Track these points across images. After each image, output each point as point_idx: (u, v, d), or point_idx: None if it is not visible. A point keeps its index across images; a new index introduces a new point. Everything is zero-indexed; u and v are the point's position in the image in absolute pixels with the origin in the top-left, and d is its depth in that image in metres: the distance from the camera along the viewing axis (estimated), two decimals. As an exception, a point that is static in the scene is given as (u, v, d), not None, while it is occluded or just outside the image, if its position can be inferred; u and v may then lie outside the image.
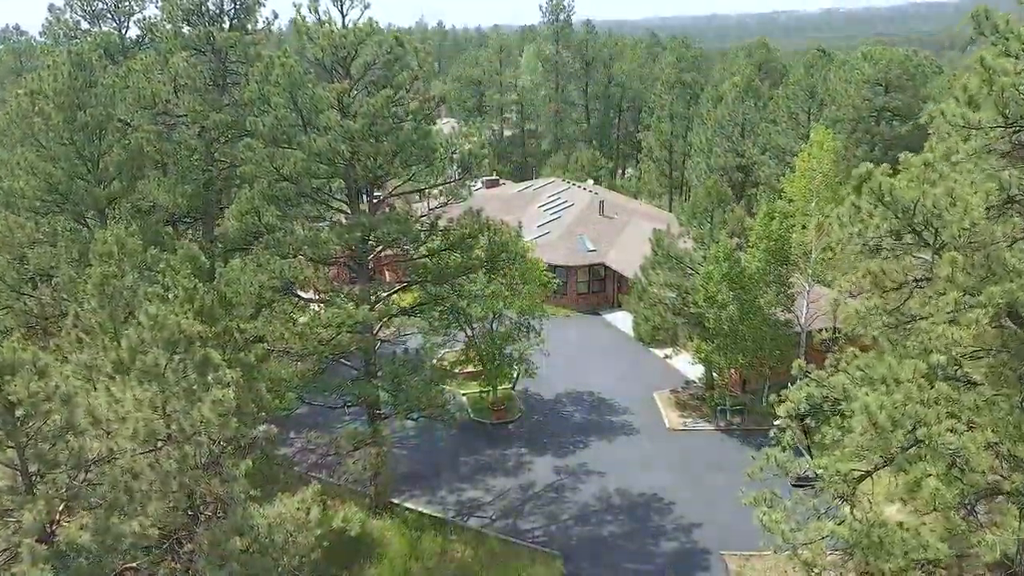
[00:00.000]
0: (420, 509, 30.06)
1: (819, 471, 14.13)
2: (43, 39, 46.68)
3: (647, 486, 31.36)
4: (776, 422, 33.60)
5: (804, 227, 34.92)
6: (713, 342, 34.51)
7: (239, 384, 22.64)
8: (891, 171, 13.89)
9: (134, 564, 16.46)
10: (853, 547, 13.92)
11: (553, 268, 44.79)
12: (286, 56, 23.85)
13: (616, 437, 35.39)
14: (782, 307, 35.07)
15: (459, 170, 26.14)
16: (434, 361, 34.78)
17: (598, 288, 52.24)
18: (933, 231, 13.13)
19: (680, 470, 32.56)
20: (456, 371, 37.01)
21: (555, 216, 56.22)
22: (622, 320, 48.55)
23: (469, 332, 35.91)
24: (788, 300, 35.18)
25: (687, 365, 41.52)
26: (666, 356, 39.80)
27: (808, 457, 31.60)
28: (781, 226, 33.80)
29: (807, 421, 16.61)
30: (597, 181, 67.82)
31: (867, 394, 12.15)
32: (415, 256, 27.86)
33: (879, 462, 13.39)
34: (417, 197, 29.64)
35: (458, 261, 27.52)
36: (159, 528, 15.85)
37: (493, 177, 72.67)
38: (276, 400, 24.09)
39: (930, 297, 13.07)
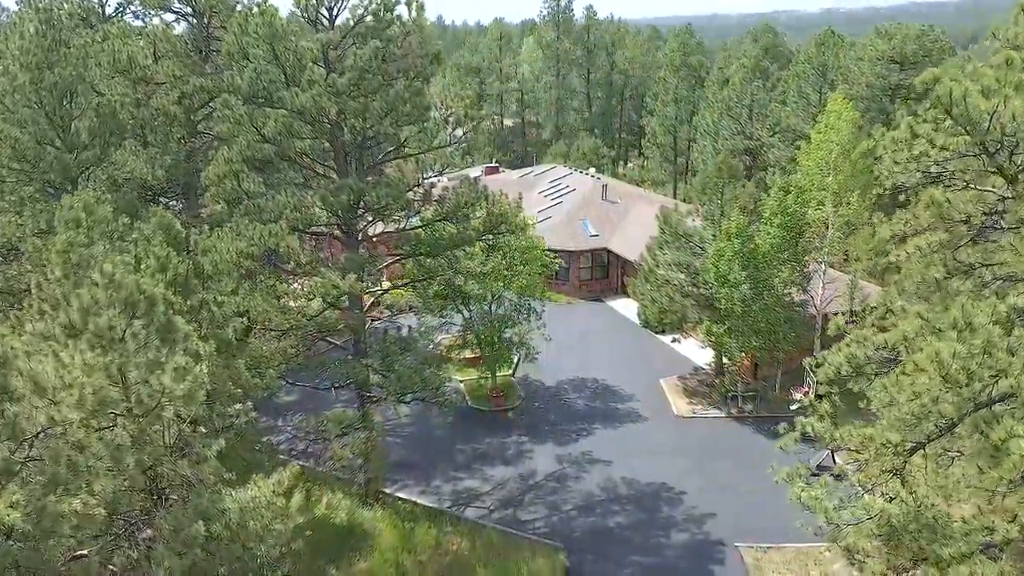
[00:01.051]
0: (414, 499, 28.22)
1: (864, 443, 12.29)
2: (19, 7, 44.67)
3: (655, 475, 29.51)
4: (794, 405, 31.92)
5: (821, 203, 33.01)
6: (724, 324, 32.64)
7: (214, 360, 20.90)
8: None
9: (84, 552, 14.61)
10: (901, 531, 12.06)
11: (555, 253, 42.96)
12: (266, 5, 21.97)
13: (622, 425, 33.52)
14: (797, 287, 33.19)
15: (454, 130, 24.27)
16: (430, 346, 33.01)
17: (601, 274, 50.37)
18: (1007, 152, 11.28)
19: (690, 459, 30.70)
20: (453, 355, 35.21)
21: (556, 201, 54.35)
22: (626, 307, 46.79)
23: (466, 314, 34.05)
24: (804, 279, 33.31)
25: (695, 351, 39.68)
26: (674, 340, 37.92)
27: (829, 449, 29.74)
28: (796, 201, 31.89)
29: (848, 387, 14.67)
30: (600, 171, 65.96)
31: (933, 343, 10.31)
32: (408, 227, 26.00)
33: (934, 431, 11.56)
34: (415, 176, 27.72)
35: (453, 232, 25.65)
36: (109, 509, 13.99)
37: (493, 164, 70.86)
38: (256, 379, 22.20)
39: (1007, 228, 11.22)
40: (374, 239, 26.57)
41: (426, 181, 25.89)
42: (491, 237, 27.02)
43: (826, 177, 32.53)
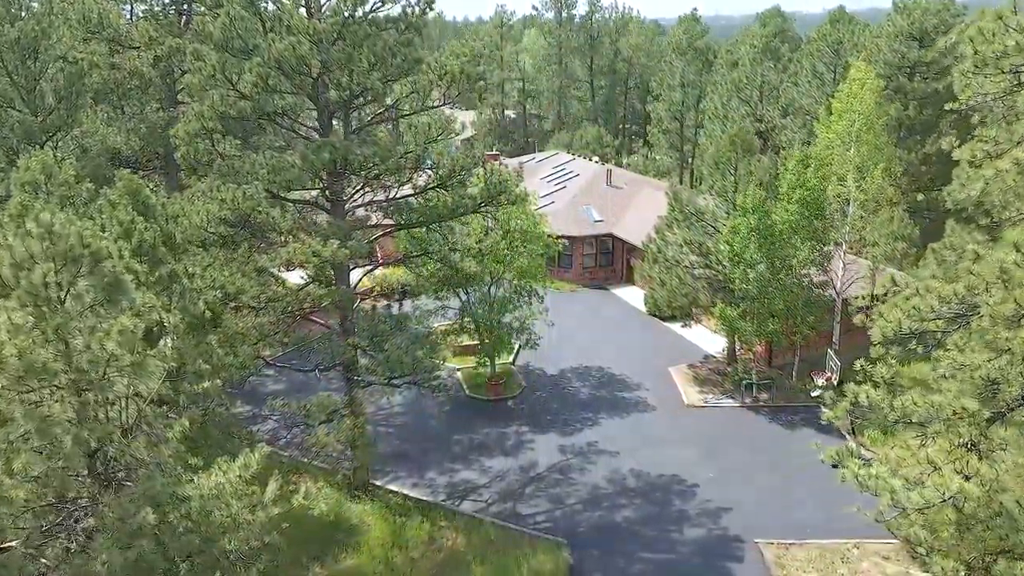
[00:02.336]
0: (406, 492, 26.18)
1: (932, 412, 10.25)
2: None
3: (665, 467, 27.47)
4: (815, 392, 29.68)
5: (842, 178, 30.95)
6: (739, 307, 30.56)
7: (181, 333, 18.93)
8: None
9: (12, 542, 12.60)
10: (972, 518, 10.03)
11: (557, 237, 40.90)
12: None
13: (629, 414, 31.45)
14: (817, 267, 31.12)
15: (448, 88, 22.22)
16: (426, 332, 30.96)
17: (606, 262, 48.30)
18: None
19: (702, 449, 28.66)
20: (449, 341, 33.14)
21: (559, 187, 52.29)
22: (632, 295, 44.83)
23: (463, 297, 31.99)
24: (823, 259, 31.23)
25: (705, 338, 37.74)
26: (684, 324, 35.88)
27: (851, 437, 27.74)
28: (816, 174, 29.81)
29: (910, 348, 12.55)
30: (603, 160, 63.92)
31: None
32: (398, 196, 23.96)
33: (1016, 398, 9.54)
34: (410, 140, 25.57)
35: (447, 201, 23.59)
36: (35, 494, 11.99)
37: (493, 152, 68.78)
38: (229, 356, 20.17)
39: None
40: (362, 207, 24.46)
41: (419, 146, 23.81)
42: (490, 208, 24.89)
43: (847, 150, 30.46)
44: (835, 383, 27.35)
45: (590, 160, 57.24)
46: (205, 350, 19.45)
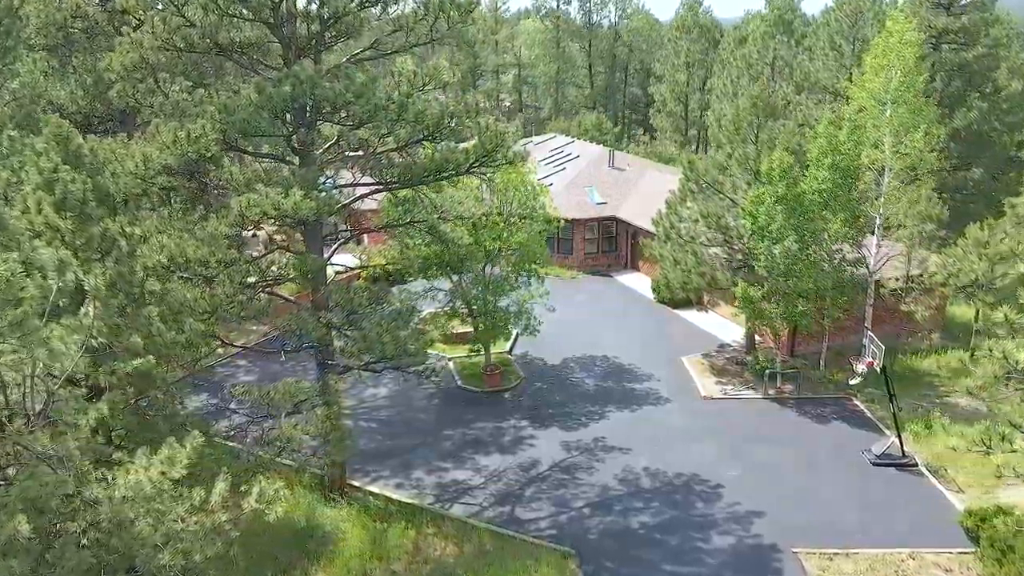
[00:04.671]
0: (388, 494, 22.89)
1: None
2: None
3: (684, 465, 24.25)
4: (854, 380, 25.77)
5: (876, 144, 27.76)
6: (763, 287, 27.32)
7: (108, 301, 15.65)
8: None
9: None
10: None
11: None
12: None
13: (640, 407, 28.19)
14: (851, 241, 27.92)
15: (436, 22, 18.94)
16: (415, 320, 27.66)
17: (609, 247, 45.05)
18: None
19: (724, 445, 25.44)
20: (439, 326, 29.79)
21: (559, 169, 49.03)
22: (638, 282, 41.63)
23: (455, 277, 28.72)
24: (857, 233, 28.02)
25: (720, 326, 34.55)
26: (700, 309, 32.69)
27: (895, 435, 24.53)
28: (850, 138, 26.61)
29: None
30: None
31: None
32: (379, 150, 20.67)
33: None
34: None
35: (435, 157, 20.30)
36: None
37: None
38: (173, 332, 16.83)
39: None
40: (336, 162, 21.13)
41: (403, 95, 20.47)
42: (484, 168, 21.56)
43: (883, 111, 27.26)
44: (878, 369, 24.09)
45: (590, 143, 54.00)
46: (142, 323, 16.15)
